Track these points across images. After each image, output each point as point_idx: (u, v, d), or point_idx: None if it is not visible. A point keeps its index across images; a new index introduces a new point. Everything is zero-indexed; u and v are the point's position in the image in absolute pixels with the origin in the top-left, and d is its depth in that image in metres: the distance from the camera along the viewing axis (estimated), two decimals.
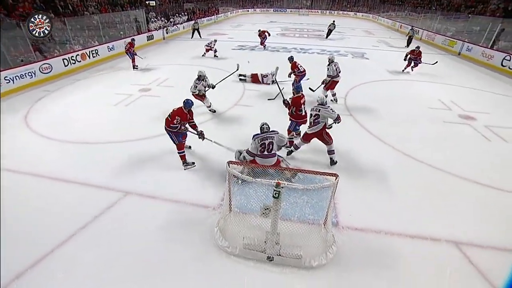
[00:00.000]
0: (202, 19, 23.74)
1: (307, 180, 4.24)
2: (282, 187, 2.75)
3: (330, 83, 7.36)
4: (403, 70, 10.35)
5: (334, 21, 18.63)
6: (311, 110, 4.79)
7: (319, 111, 4.70)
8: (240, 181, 3.57)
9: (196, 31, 17.51)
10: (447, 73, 11.08)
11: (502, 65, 11.46)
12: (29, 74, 8.88)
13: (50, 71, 9.62)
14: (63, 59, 10.22)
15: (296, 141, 5.24)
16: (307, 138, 4.93)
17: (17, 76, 8.50)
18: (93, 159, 5.10)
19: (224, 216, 3.62)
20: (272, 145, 4.24)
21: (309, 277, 3.04)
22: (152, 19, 17.39)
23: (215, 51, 12.49)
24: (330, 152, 4.95)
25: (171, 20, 19.31)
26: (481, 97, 8.64)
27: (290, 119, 5.33)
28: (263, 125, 4.35)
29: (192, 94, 6.46)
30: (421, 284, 3.02)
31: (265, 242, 3.18)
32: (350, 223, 3.73)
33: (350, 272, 3.10)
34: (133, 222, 3.73)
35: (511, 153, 5.53)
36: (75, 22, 12.21)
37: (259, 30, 14.89)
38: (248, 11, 36.06)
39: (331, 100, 7.58)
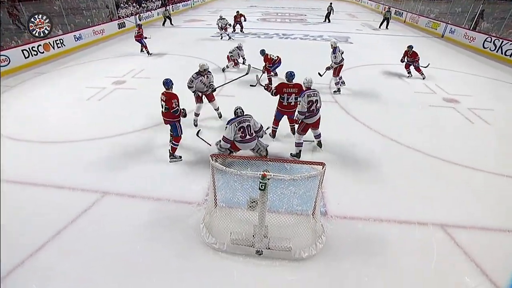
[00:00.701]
0: (178, 4, 23.05)
1: (293, 170, 4.29)
2: (268, 179, 2.77)
3: (338, 68, 7.41)
4: (408, 76, 9.15)
5: (331, 3, 18.59)
6: (308, 97, 4.45)
7: (317, 95, 4.55)
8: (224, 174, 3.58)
9: (167, 18, 17.05)
10: (431, 56, 11.41)
11: (483, 47, 11.92)
12: None
13: (8, 64, 9.06)
14: (22, 50, 9.58)
15: (296, 138, 4.87)
16: (306, 129, 4.75)
17: None
18: (65, 159, 4.91)
19: (210, 212, 3.61)
20: (250, 128, 4.33)
21: (299, 269, 3.11)
22: (122, 5, 16.71)
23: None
24: (318, 136, 5.01)
25: (143, 5, 18.61)
26: (464, 79, 9.00)
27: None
28: (237, 109, 4.38)
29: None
30: (408, 267, 3.17)
31: (253, 236, 3.21)
32: (338, 212, 3.83)
33: (339, 261, 3.20)
34: (112, 224, 3.64)
35: (493, 135, 5.82)
36: (32, 7, 11.48)
37: (237, 12, 14.74)
38: None
39: (339, 84, 7.67)
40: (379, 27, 17.01)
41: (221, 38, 13.56)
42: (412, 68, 8.76)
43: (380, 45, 13.09)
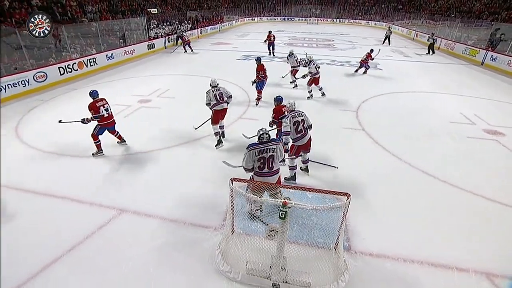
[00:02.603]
0: (206, 27, 24.46)
1: (315, 199, 4.21)
2: (289, 207, 2.74)
3: (313, 80, 8.80)
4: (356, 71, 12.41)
5: (390, 26, 19.10)
6: (293, 118, 4.54)
7: (303, 115, 4.67)
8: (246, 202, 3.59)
9: (179, 38, 17.55)
10: (469, 84, 11.12)
11: None
12: (23, 82, 9.18)
13: (45, 80, 9.93)
14: (59, 68, 10.58)
15: (288, 162, 4.84)
16: (297, 152, 4.78)
17: (10, 84, 8.78)
18: (86, 174, 5.16)
19: (226, 238, 3.59)
20: (273, 159, 3.67)
21: None
22: (153, 27, 17.97)
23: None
24: (307, 161, 5.03)
25: (179, 28, 19.50)
26: (508, 110, 8.61)
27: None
28: (262, 134, 3.71)
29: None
30: None
31: (270, 267, 3.13)
32: (363, 248, 3.66)
33: None
34: (127, 243, 3.70)
35: None
36: (73, 29, 12.72)
37: (269, 32, 15.63)
38: (254, 19, 37.09)
39: (321, 95, 9.13)
40: (427, 53, 17.35)
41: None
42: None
43: (411, 72, 13.00)
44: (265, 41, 15.77)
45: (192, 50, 16.56)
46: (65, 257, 3.50)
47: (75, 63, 11.28)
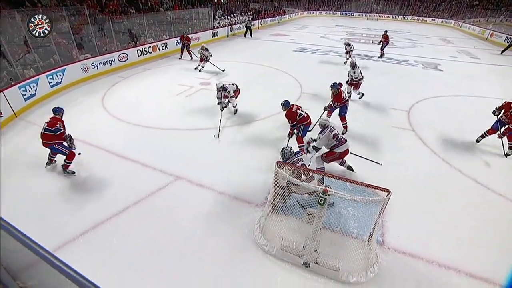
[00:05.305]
0: (266, 19, 24.29)
1: (355, 191, 4.09)
2: (329, 195, 2.73)
3: (357, 84, 7.61)
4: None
5: None
6: (331, 132, 4.38)
7: (335, 128, 4.50)
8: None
9: (248, 29, 18.04)
10: None
11: None
12: (109, 61, 10.27)
13: (126, 60, 10.96)
14: (137, 50, 11.58)
15: (317, 163, 4.68)
16: (334, 159, 4.58)
17: (101, 63, 9.91)
18: (152, 142, 5.68)
19: (266, 215, 3.71)
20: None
21: None
22: (217, 17, 18.42)
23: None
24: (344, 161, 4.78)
25: (249, 19, 19.82)
26: None
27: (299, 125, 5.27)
28: (285, 150, 3.94)
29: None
30: None
31: (303, 247, 3.19)
32: (397, 245, 3.51)
33: None
34: (179, 207, 4.07)
35: None
36: (151, 17, 13.68)
37: (385, 32, 13.81)
38: (314, 13, 35.68)
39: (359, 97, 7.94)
40: (502, 52, 15.51)
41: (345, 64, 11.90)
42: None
43: (477, 75, 11.43)
44: (380, 42, 13.59)
45: (251, 36, 17.87)
46: (131, 208, 3.97)
47: (150, 46, 12.21)
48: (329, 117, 6.15)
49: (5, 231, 1.04)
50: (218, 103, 6.53)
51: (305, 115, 5.22)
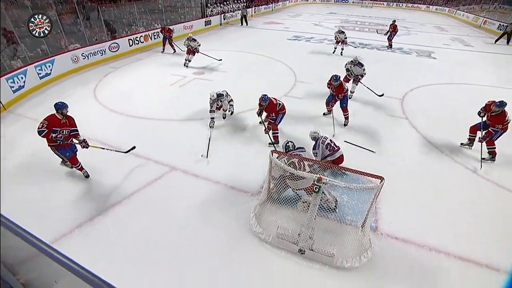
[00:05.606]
0: (260, 7, 23.80)
1: (349, 179, 4.13)
2: (323, 183, 2.74)
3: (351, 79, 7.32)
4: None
5: None
6: (322, 143, 4.37)
7: (328, 138, 4.48)
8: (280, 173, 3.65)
9: (243, 17, 17.73)
10: None
11: None
12: (100, 52, 9.99)
13: (117, 50, 10.68)
14: (128, 40, 11.26)
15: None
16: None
17: (91, 53, 9.63)
18: (146, 133, 5.61)
19: (261, 204, 3.73)
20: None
21: (338, 277, 3.02)
22: (209, 5, 17.97)
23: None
24: None
25: (244, 8, 19.18)
26: None
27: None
28: (288, 143, 3.99)
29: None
30: None
31: (299, 234, 3.22)
32: (390, 231, 3.57)
33: (383, 280, 3.00)
34: (174, 197, 4.06)
35: None
36: (142, 5, 13.28)
37: (393, 21, 12.83)
38: (308, 0, 35.06)
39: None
40: (495, 42, 15.13)
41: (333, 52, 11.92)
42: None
43: (472, 63, 11.44)
44: (388, 32, 12.96)
45: (247, 24, 17.63)
46: (126, 200, 3.96)
47: (142, 36, 11.90)
48: (331, 111, 6.07)
49: (4, 226, 1.02)
50: (210, 121, 5.65)
51: (281, 103, 5.25)
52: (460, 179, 4.63)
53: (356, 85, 7.31)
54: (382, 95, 6.13)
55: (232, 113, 6.25)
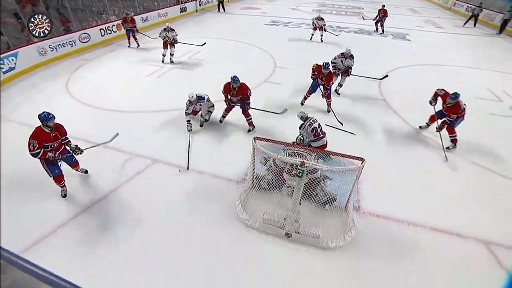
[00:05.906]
0: None
1: (332, 162, 4.21)
2: (306, 167, 2.77)
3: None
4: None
5: (481, 2, 15.20)
6: (310, 126, 4.24)
7: (317, 121, 4.33)
8: (264, 161, 3.67)
9: (220, 4, 17.22)
10: (504, 58, 10.02)
11: None
12: (70, 43, 9.37)
13: (88, 41, 10.07)
14: (100, 29, 10.62)
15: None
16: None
17: (60, 44, 8.99)
18: (125, 127, 5.38)
19: (246, 190, 3.75)
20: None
21: (325, 257, 3.13)
22: None
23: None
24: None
25: None
26: None
27: None
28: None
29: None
30: (439, 276, 2.99)
31: (284, 219, 3.28)
32: (372, 209, 3.71)
33: (366, 257, 3.14)
34: (159, 189, 4.00)
35: None
36: None
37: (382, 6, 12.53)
38: None
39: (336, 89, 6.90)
40: (464, 25, 15.32)
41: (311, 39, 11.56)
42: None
43: (444, 44, 11.80)
44: (376, 18, 12.70)
45: (224, 10, 16.96)
46: (111, 195, 3.87)
47: (114, 25, 11.26)
48: (308, 97, 6.05)
49: None
50: (187, 124, 5.17)
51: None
52: (436, 158, 4.84)
53: (347, 76, 6.71)
54: (387, 76, 6.27)
55: (207, 120, 5.60)
